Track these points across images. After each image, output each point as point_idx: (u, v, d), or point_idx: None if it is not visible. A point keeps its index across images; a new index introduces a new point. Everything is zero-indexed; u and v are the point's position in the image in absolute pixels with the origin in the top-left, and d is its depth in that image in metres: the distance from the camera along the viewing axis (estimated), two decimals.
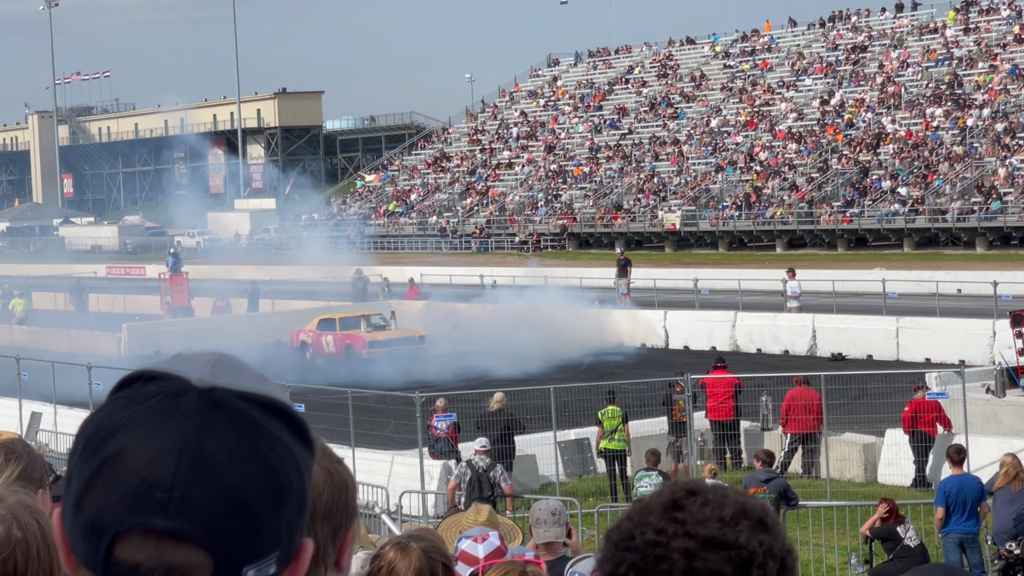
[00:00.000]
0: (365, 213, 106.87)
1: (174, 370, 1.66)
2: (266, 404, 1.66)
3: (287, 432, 1.67)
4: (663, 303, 48.61)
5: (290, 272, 66.37)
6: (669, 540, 1.74)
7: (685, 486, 1.78)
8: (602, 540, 1.82)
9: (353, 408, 25.87)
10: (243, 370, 1.69)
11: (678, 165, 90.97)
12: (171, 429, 1.60)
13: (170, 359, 1.70)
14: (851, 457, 25.91)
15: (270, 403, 1.67)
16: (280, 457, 1.64)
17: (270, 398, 1.67)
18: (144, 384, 1.66)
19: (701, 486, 1.78)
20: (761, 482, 20.06)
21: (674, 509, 1.76)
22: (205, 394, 1.63)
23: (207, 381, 1.64)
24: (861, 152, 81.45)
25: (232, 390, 1.65)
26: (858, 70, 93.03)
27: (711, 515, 1.75)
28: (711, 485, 1.80)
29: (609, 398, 25.65)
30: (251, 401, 1.65)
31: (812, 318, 42.01)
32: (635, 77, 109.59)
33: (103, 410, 1.66)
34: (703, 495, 1.77)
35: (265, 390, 1.67)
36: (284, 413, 1.68)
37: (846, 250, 74.50)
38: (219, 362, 1.68)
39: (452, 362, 40.91)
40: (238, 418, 1.63)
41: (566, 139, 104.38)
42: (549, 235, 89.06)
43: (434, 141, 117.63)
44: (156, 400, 1.63)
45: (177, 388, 1.64)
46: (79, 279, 66.09)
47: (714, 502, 1.76)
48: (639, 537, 1.76)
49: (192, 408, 1.62)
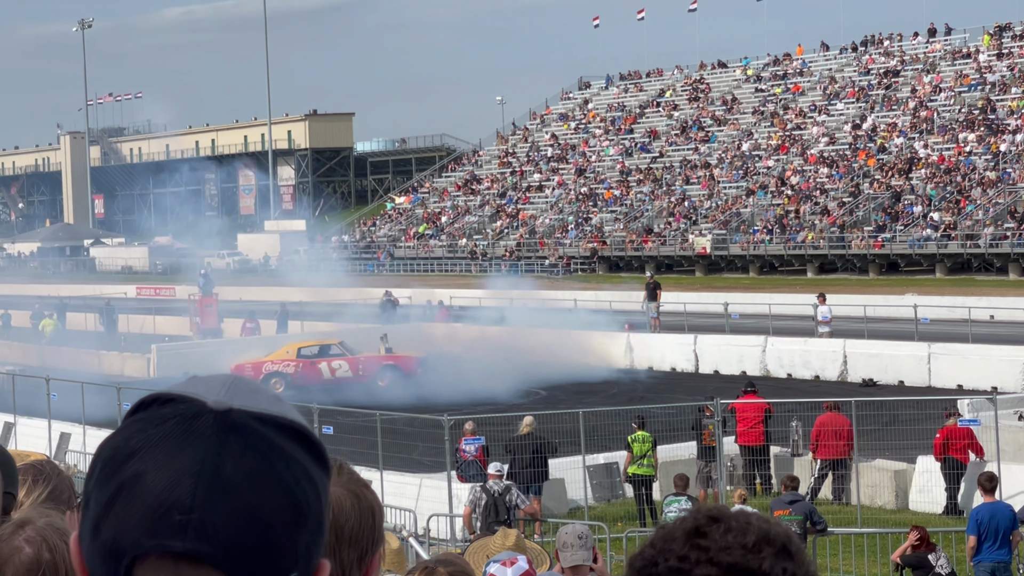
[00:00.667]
0: (395, 235, 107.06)
1: (190, 392, 1.65)
2: (283, 425, 1.65)
3: (304, 453, 1.66)
4: (693, 327, 48.53)
5: (319, 293, 66.45)
6: (692, 567, 1.71)
7: (708, 513, 1.75)
8: (625, 567, 1.78)
9: (381, 431, 25.84)
10: (259, 392, 1.68)
11: (709, 189, 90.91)
12: (188, 451, 1.59)
13: (186, 381, 1.70)
14: (882, 484, 25.74)
15: (287, 424, 1.66)
16: (298, 478, 1.63)
17: (287, 419, 1.66)
18: (160, 407, 1.65)
19: (724, 512, 1.75)
20: (786, 504, 19.96)
21: (697, 536, 1.74)
22: (222, 416, 1.62)
23: (223, 403, 1.63)
24: (893, 177, 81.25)
25: (248, 412, 1.63)
26: (890, 95, 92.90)
27: (734, 542, 1.71)
28: (734, 512, 1.76)
29: (639, 423, 25.55)
30: (268, 422, 1.64)
31: (843, 343, 41.84)
32: (666, 100, 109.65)
33: (120, 433, 1.65)
34: (726, 522, 1.73)
35: (281, 411, 1.66)
36: (301, 434, 1.67)
37: (878, 275, 74.28)
38: (235, 384, 1.68)
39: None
40: (255, 439, 1.62)
41: (597, 162, 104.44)
42: (579, 258, 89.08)
43: (464, 163, 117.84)
44: (173, 423, 1.62)
45: (194, 410, 1.63)
46: (109, 300, 66.36)
47: (737, 529, 1.73)
48: (662, 564, 1.73)
49: (209, 430, 1.61)
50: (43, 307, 64.69)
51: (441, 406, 34.23)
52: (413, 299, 62.98)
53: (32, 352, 54.16)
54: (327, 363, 43.17)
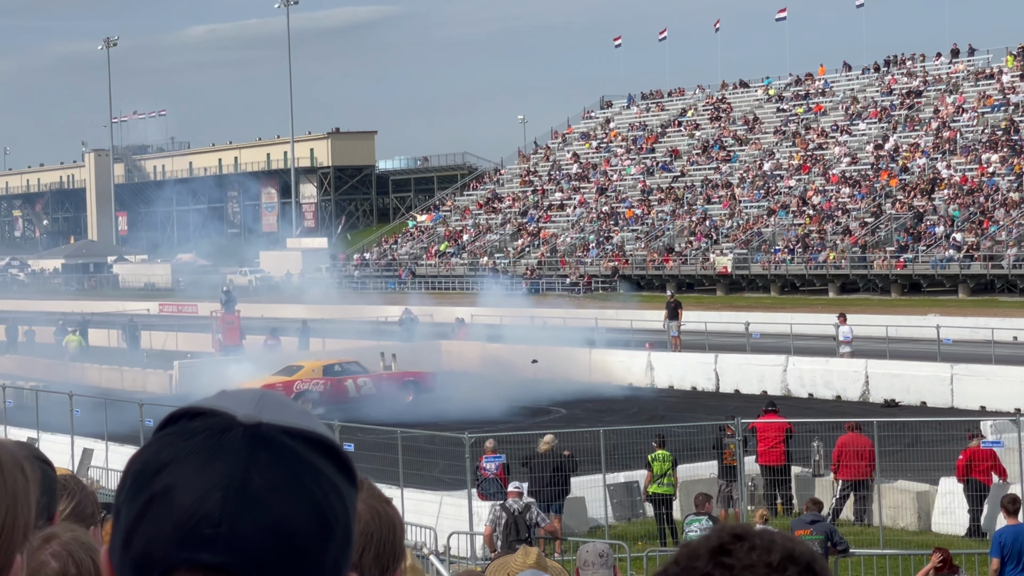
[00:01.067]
0: (416, 253, 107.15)
1: (220, 406, 1.66)
2: (311, 439, 1.66)
3: (332, 467, 1.67)
4: (714, 346, 48.43)
5: (341, 311, 66.51)
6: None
7: (732, 531, 1.75)
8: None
9: (402, 448, 25.83)
10: (287, 406, 1.69)
11: (730, 208, 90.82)
12: (218, 465, 1.61)
13: (215, 396, 1.71)
14: (904, 505, 25.63)
15: (315, 438, 1.66)
16: (326, 492, 1.64)
17: (315, 433, 1.67)
18: (190, 420, 1.66)
19: (748, 531, 1.75)
20: (807, 523, 19.91)
21: (721, 554, 1.73)
22: (251, 430, 1.63)
23: (253, 417, 1.64)
24: (916, 197, 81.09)
25: (277, 425, 1.65)
26: (913, 115, 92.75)
27: (758, 560, 1.71)
28: (759, 530, 1.76)
29: (659, 441, 25.49)
30: (296, 436, 1.65)
31: (865, 364, 41.70)
32: (688, 120, 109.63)
33: (150, 447, 1.66)
34: (750, 540, 1.73)
35: (310, 426, 1.67)
36: (329, 448, 1.68)
37: (900, 296, 74.09)
38: (264, 398, 1.69)
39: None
40: (284, 453, 1.63)
41: (618, 181, 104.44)
42: (600, 277, 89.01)
43: (486, 182, 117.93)
44: (202, 436, 1.63)
45: (223, 424, 1.64)
46: (132, 316, 66.48)
47: (761, 547, 1.72)
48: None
49: (238, 444, 1.62)
50: (67, 323, 64.83)
51: (459, 423, 34.21)
52: (434, 317, 62.98)
53: (56, 368, 54.30)
54: (353, 380, 43.38)
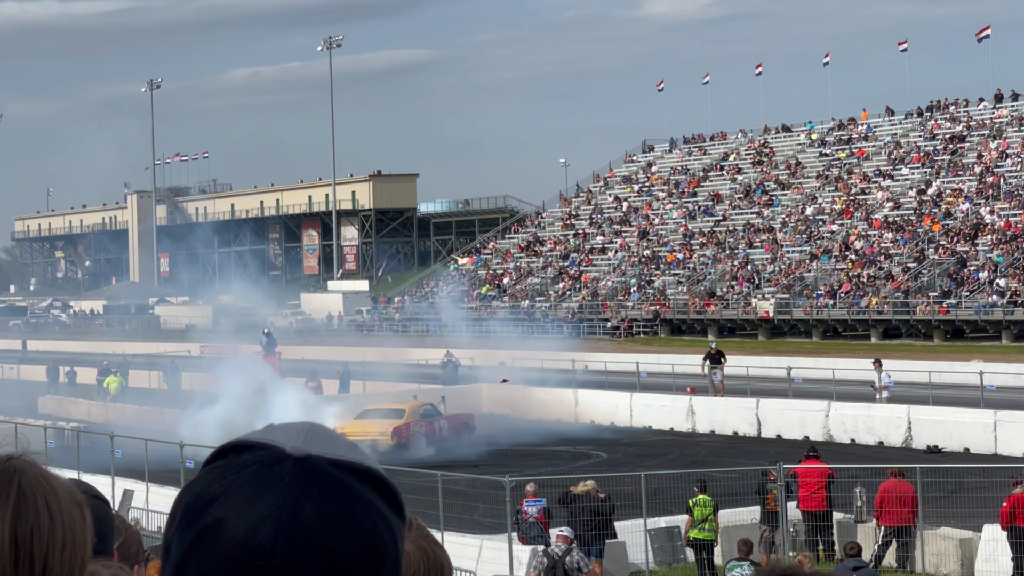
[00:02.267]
0: (458, 296, 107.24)
1: (269, 439, 1.68)
2: (360, 471, 1.68)
3: (380, 499, 1.68)
4: (755, 391, 48.27)
5: (382, 354, 66.57)
6: None
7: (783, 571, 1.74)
8: None
9: (443, 491, 25.80)
10: (336, 439, 1.71)
11: (772, 253, 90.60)
12: (269, 497, 1.62)
13: (264, 429, 1.73)
14: (947, 552, 25.44)
15: (364, 470, 1.68)
16: (375, 523, 1.65)
17: (364, 466, 1.69)
18: (240, 454, 1.68)
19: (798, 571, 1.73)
20: (850, 570, 19.76)
21: None
22: (300, 462, 1.65)
23: (302, 449, 1.66)
24: (959, 242, 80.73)
25: (327, 458, 1.66)
26: (956, 160, 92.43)
27: None
28: (809, 571, 1.74)
29: (700, 487, 25.39)
30: (345, 469, 1.67)
31: (907, 409, 41.48)
32: (730, 164, 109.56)
33: (200, 480, 1.68)
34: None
35: (358, 458, 1.69)
36: (377, 480, 1.69)
37: (942, 341, 73.65)
38: (312, 431, 1.71)
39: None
40: (334, 485, 1.65)
41: (660, 225, 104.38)
42: (641, 321, 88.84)
43: (528, 225, 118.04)
44: (253, 469, 1.65)
45: (273, 457, 1.65)
46: (173, 358, 66.69)
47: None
48: None
49: (289, 476, 1.63)
50: (108, 364, 65.12)
51: (501, 464, 34.17)
52: (475, 360, 62.95)
53: (97, 409, 54.51)
54: (437, 422, 44.49)
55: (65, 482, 1.83)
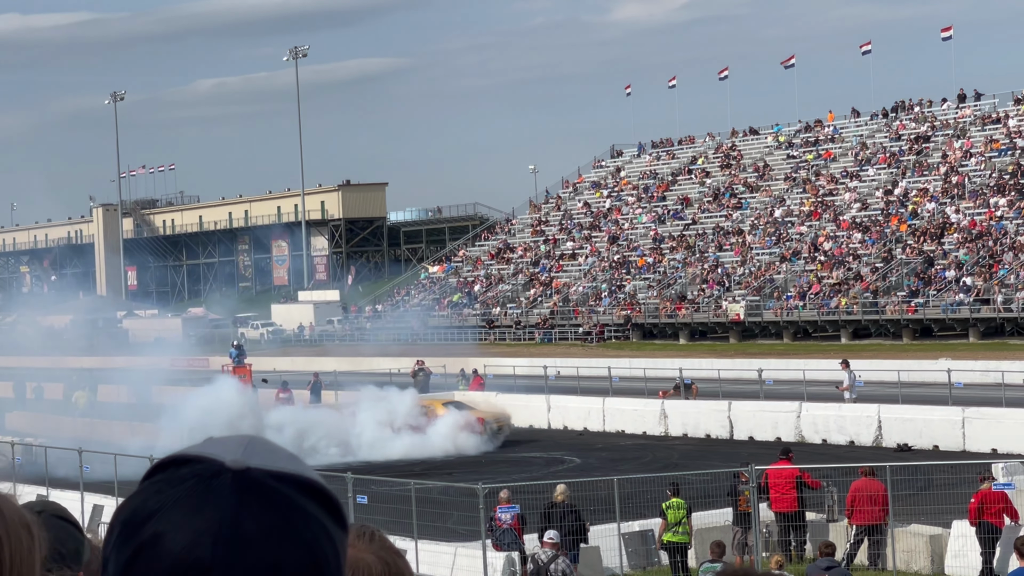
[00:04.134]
0: (429, 304, 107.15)
1: (208, 453, 1.66)
2: (301, 483, 1.66)
3: (322, 511, 1.67)
4: (727, 393, 48.38)
5: (353, 363, 66.48)
6: None
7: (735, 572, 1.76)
8: None
9: (416, 499, 25.78)
10: (276, 451, 1.69)
11: (742, 255, 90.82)
12: (207, 511, 1.60)
13: (203, 443, 1.71)
14: (917, 549, 25.55)
15: (304, 482, 1.67)
16: (317, 535, 1.64)
17: (304, 477, 1.67)
18: (178, 468, 1.66)
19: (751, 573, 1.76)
20: (823, 570, 19.85)
21: None
22: (240, 475, 1.63)
23: (241, 462, 1.65)
24: (925, 242, 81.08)
25: (266, 470, 1.65)
26: (921, 160, 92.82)
27: None
28: (762, 572, 1.76)
29: (673, 490, 25.44)
30: (285, 481, 1.65)
31: (877, 409, 41.64)
32: (698, 167, 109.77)
33: (138, 495, 1.66)
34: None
35: (299, 470, 1.68)
36: (318, 492, 1.68)
37: (911, 340, 73.95)
38: (252, 444, 1.69)
39: None
40: (274, 497, 1.63)
41: (629, 229, 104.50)
42: (613, 326, 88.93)
43: (498, 232, 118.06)
44: (191, 483, 1.63)
45: (212, 470, 1.64)
46: (142, 371, 66.39)
47: None
48: None
49: (227, 489, 1.62)
50: (76, 379, 64.79)
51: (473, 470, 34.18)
52: (447, 368, 62.92)
53: (65, 424, 54.24)
54: None
55: (12, 503, 1.80)
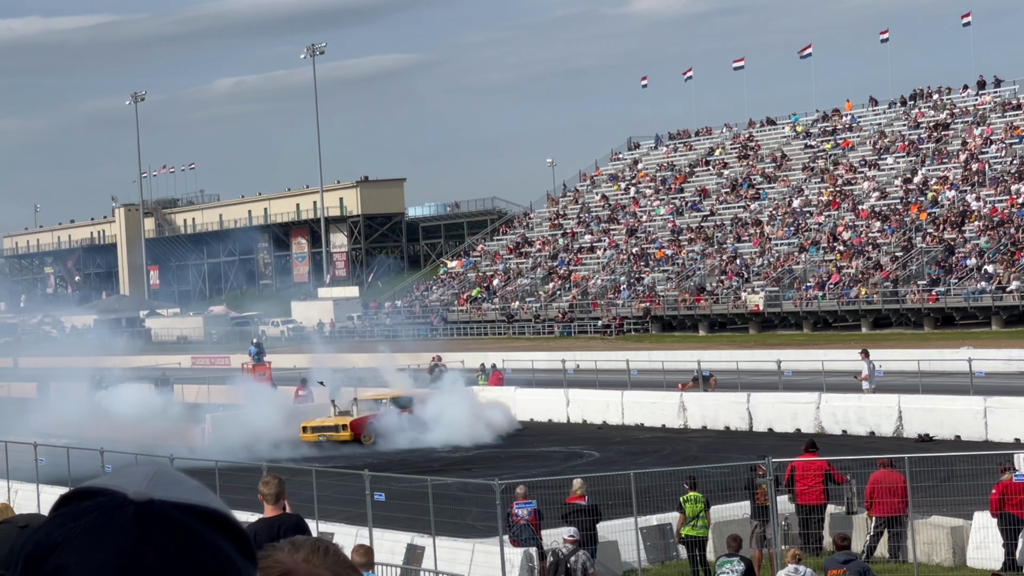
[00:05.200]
0: (448, 299, 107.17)
1: (112, 485, 1.66)
2: (206, 515, 1.65)
3: (227, 543, 1.66)
4: (746, 385, 48.26)
5: (373, 359, 66.43)
6: None
7: None
8: None
9: (433, 496, 25.73)
10: (182, 482, 1.69)
11: (760, 246, 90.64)
12: (110, 543, 1.59)
13: (109, 475, 1.70)
14: (939, 540, 25.42)
15: (210, 513, 1.66)
16: (222, 567, 1.63)
17: (209, 508, 1.66)
18: (81, 501, 1.65)
19: None
20: (840, 563, 19.76)
21: None
22: (142, 507, 1.63)
23: (144, 494, 1.64)
24: (946, 230, 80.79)
25: (170, 502, 1.64)
26: (941, 148, 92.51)
27: None
28: None
29: (690, 483, 25.36)
30: (190, 512, 1.64)
31: (898, 399, 41.47)
32: (716, 159, 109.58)
33: (42, 528, 1.65)
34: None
35: (204, 501, 1.67)
36: (225, 523, 1.67)
37: (933, 329, 73.72)
38: (157, 475, 1.68)
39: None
40: (177, 529, 1.62)
41: (648, 222, 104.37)
42: (632, 318, 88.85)
43: (516, 226, 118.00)
44: (94, 516, 1.62)
45: (114, 502, 1.63)
46: (164, 370, 66.58)
47: None
48: None
49: (129, 521, 1.61)
50: (101, 379, 64.94)
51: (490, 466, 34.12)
52: (465, 363, 62.88)
53: (89, 424, 54.35)
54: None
55: None
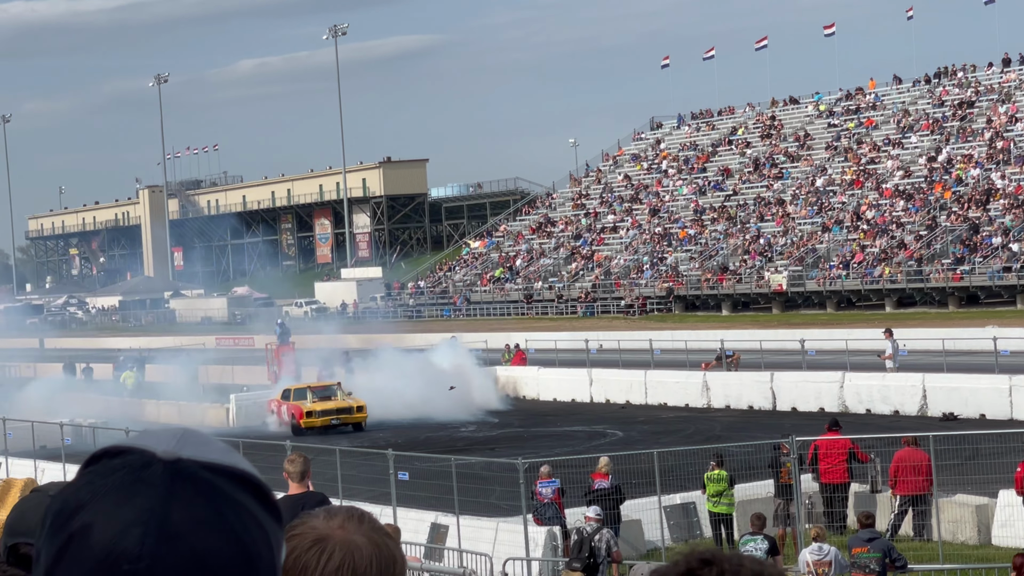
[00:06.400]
0: (471, 280, 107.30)
1: (140, 444, 1.67)
2: (233, 475, 1.67)
3: (255, 503, 1.67)
4: (770, 364, 48.24)
5: (396, 340, 66.59)
6: None
7: (701, 556, 1.75)
8: None
9: (457, 475, 25.81)
10: (209, 443, 1.70)
11: (784, 225, 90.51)
12: (137, 501, 1.61)
13: (138, 435, 1.71)
14: (964, 519, 25.39)
15: (237, 473, 1.67)
16: (247, 527, 1.64)
17: (236, 468, 1.67)
18: (110, 459, 1.67)
19: (717, 555, 1.74)
20: (864, 541, 19.76)
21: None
22: (170, 465, 1.64)
23: (172, 453, 1.65)
24: (971, 208, 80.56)
25: (197, 461, 1.65)
26: (965, 126, 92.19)
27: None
28: (728, 554, 1.75)
29: (717, 461, 25.41)
30: (217, 472, 1.66)
31: (922, 378, 41.38)
32: (739, 138, 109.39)
33: (70, 487, 1.67)
34: (719, 564, 1.73)
35: (232, 461, 1.68)
36: (251, 484, 1.68)
37: (957, 308, 73.55)
38: (185, 436, 1.69)
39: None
40: (204, 488, 1.63)
41: (670, 202, 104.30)
42: (655, 298, 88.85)
43: (538, 206, 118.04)
44: (121, 473, 1.64)
45: (142, 461, 1.64)
46: (189, 351, 66.82)
47: (730, 571, 1.71)
48: None
49: (157, 480, 1.62)
50: (124, 360, 65.29)
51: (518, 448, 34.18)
52: (488, 343, 62.93)
53: (114, 404, 54.66)
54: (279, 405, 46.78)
55: None
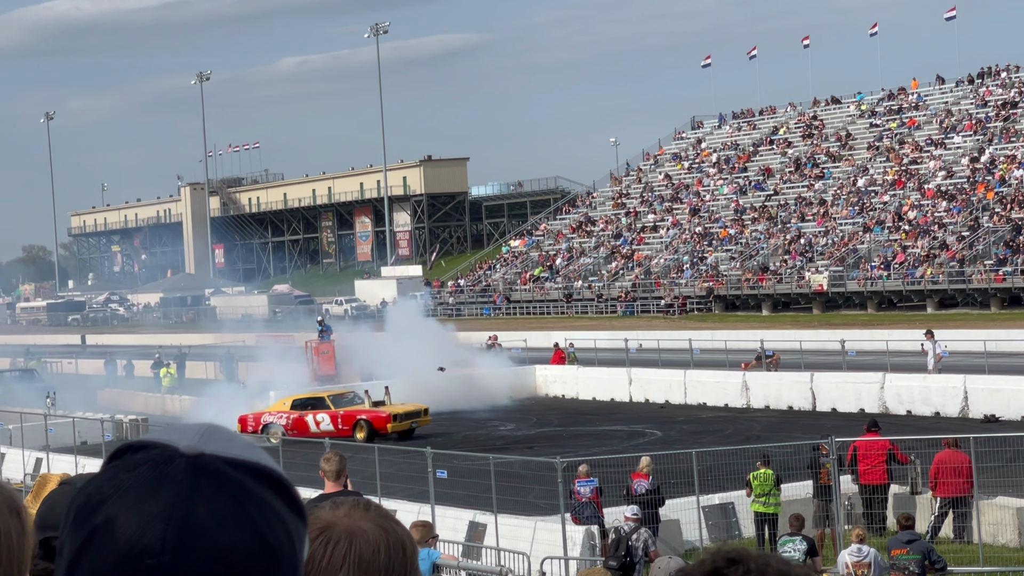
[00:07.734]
0: (511, 278, 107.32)
1: (164, 439, 1.68)
2: (256, 470, 1.67)
3: (277, 499, 1.67)
4: (810, 365, 48.08)
5: (436, 338, 66.62)
6: None
7: (727, 554, 1.74)
8: None
9: (495, 474, 25.81)
10: (233, 439, 1.70)
11: (825, 226, 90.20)
12: (160, 495, 1.61)
13: (162, 430, 1.72)
14: (1004, 521, 25.25)
15: (260, 469, 1.68)
16: (270, 522, 1.65)
17: (260, 464, 1.68)
18: (134, 453, 1.67)
19: (744, 554, 1.73)
20: (903, 543, 19.69)
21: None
22: (193, 460, 1.64)
23: (196, 448, 1.66)
24: (1013, 209, 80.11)
25: (221, 456, 1.66)
26: (1009, 126, 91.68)
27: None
28: (755, 553, 1.73)
29: (764, 461, 25.37)
30: (240, 467, 1.66)
31: (963, 379, 41.16)
32: (780, 138, 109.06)
33: (94, 480, 1.67)
34: (745, 563, 1.72)
35: (256, 457, 1.69)
36: (274, 480, 1.69)
37: (999, 309, 73.15)
38: (209, 431, 1.70)
39: None
40: (227, 483, 1.64)
41: (711, 201, 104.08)
42: (695, 298, 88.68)
43: (579, 205, 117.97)
44: (145, 468, 1.64)
45: (166, 455, 1.65)
46: (229, 348, 67.07)
47: (756, 571, 1.70)
48: None
49: (181, 474, 1.63)
50: (164, 356, 65.59)
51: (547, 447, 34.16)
52: (528, 342, 62.91)
53: (154, 401, 54.92)
54: (312, 416, 43.93)
55: (5, 488, 1.83)
